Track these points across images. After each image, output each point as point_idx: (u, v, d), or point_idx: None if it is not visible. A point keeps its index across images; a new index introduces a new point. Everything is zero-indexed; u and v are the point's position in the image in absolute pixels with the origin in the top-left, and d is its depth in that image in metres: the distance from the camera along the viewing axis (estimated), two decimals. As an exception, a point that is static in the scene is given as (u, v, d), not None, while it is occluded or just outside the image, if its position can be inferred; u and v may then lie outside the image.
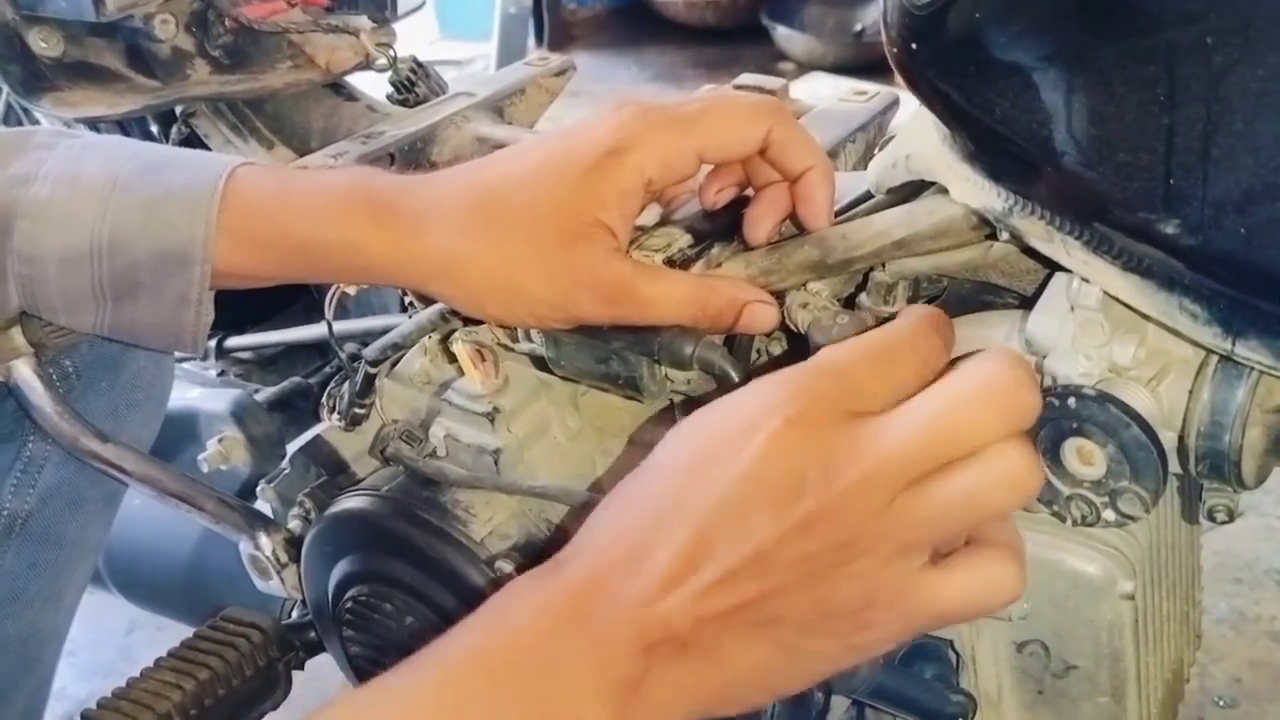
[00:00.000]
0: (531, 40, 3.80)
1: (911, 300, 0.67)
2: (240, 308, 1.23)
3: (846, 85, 0.94)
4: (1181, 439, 0.57)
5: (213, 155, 0.65)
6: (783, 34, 3.48)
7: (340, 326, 0.92)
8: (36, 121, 1.33)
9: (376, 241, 0.60)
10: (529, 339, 0.72)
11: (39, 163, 0.64)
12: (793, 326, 0.66)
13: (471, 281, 0.60)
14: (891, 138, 0.84)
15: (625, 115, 0.60)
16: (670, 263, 0.67)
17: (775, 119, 0.61)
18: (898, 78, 0.57)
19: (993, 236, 0.59)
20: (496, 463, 0.76)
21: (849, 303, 0.68)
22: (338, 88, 1.04)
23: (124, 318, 0.65)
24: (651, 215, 0.71)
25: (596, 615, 0.44)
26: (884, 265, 0.65)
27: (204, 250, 0.61)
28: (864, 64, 3.16)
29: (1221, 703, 1.32)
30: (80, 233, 0.61)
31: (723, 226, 0.69)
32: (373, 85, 1.05)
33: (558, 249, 0.58)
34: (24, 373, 0.81)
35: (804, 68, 3.38)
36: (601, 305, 0.60)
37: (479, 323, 0.75)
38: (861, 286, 0.67)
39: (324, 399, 0.86)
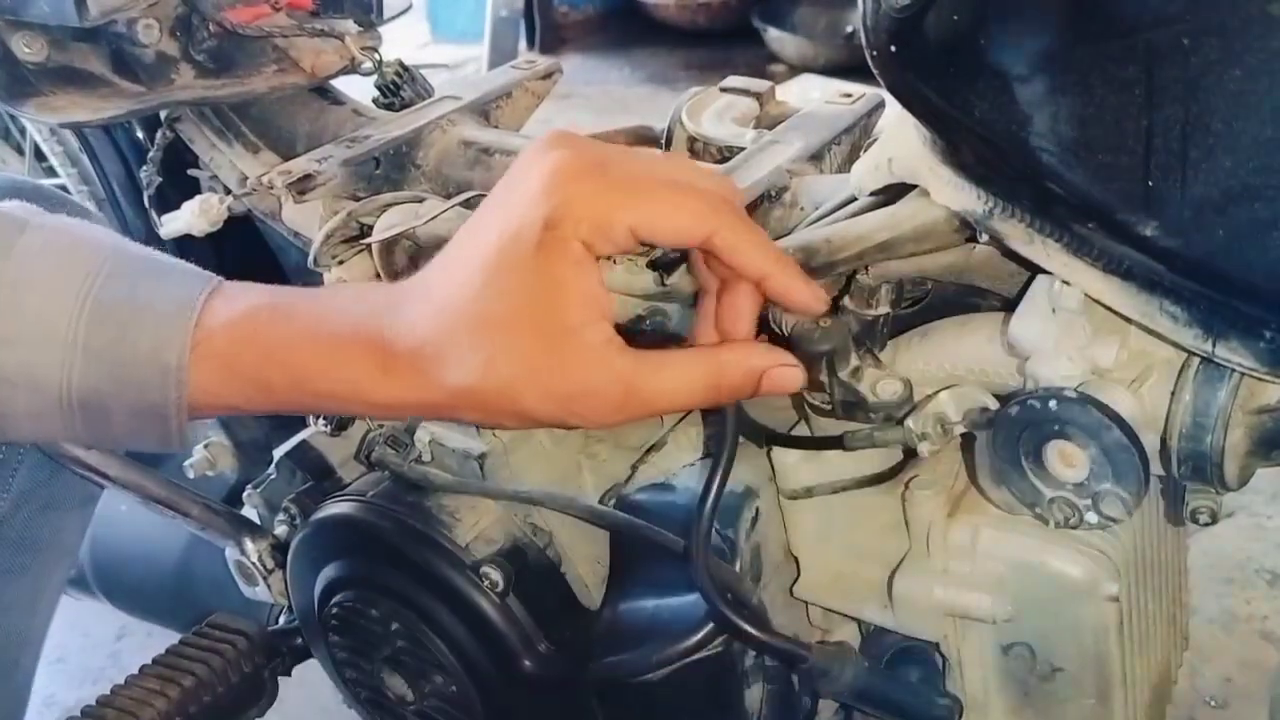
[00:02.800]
0: (523, 43, 3.80)
1: (895, 304, 0.67)
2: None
3: (836, 87, 0.93)
4: (1164, 441, 0.57)
5: (175, 291, 0.58)
6: (774, 36, 3.48)
7: (326, 331, 0.92)
8: (22, 127, 1.33)
9: (385, 389, 0.57)
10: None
11: None
12: (777, 329, 0.66)
13: (479, 408, 0.57)
14: (875, 140, 0.84)
15: (550, 169, 0.55)
16: (654, 265, 0.67)
17: (721, 223, 0.56)
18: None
19: (974, 239, 0.59)
20: (481, 467, 0.76)
21: (833, 306, 0.68)
22: (323, 92, 1.03)
23: (104, 445, 0.62)
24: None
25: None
26: (867, 268, 0.65)
27: (178, 408, 0.58)
28: (856, 65, 3.13)
29: (1213, 703, 1.31)
30: (48, 396, 0.57)
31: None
32: (359, 89, 1.05)
33: (548, 361, 0.55)
34: (7, 379, 0.80)
35: (795, 69, 3.38)
36: (608, 408, 0.56)
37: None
38: (846, 289, 0.67)
39: (309, 404, 0.86)
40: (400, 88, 1.01)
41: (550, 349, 0.55)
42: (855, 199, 0.67)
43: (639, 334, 0.71)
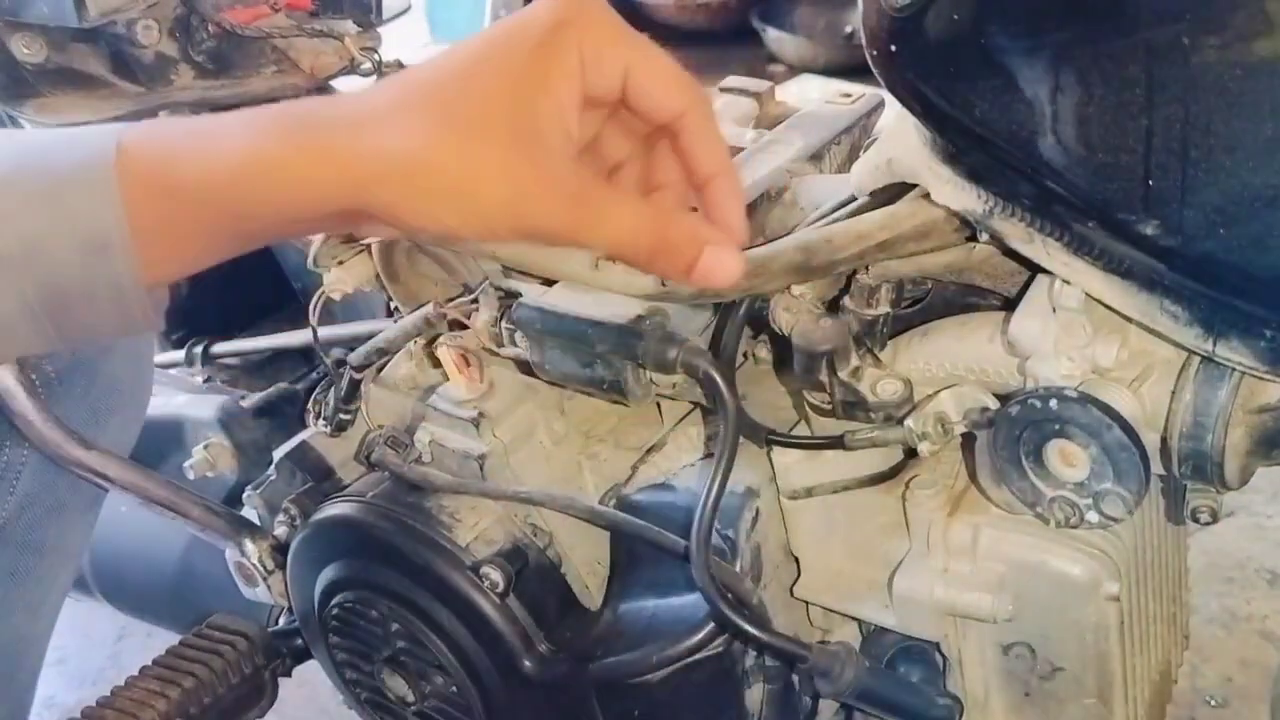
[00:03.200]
0: (522, 43, 3.79)
1: (895, 304, 0.67)
2: (226, 313, 1.22)
3: (836, 87, 0.93)
4: (1164, 440, 0.57)
5: (96, 130, 0.56)
6: (773, 36, 3.48)
7: (326, 332, 0.92)
8: (20, 127, 1.33)
9: (305, 155, 0.52)
10: (514, 344, 0.72)
11: None
12: (777, 329, 0.66)
13: (419, 183, 0.53)
14: (875, 140, 0.84)
15: None
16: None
17: (695, 108, 0.57)
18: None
19: (974, 238, 0.59)
20: (482, 468, 0.76)
21: (833, 305, 0.68)
22: (323, 92, 1.04)
23: (68, 323, 0.61)
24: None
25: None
26: (867, 268, 0.65)
27: (120, 230, 0.54)
28: (855, 66, 3.14)
29: (1213, 702, 1.31)
30: None
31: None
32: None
33: (515, 145, 0.53)
34: (7, 381, 0.80)
35: (795, 69, 3.38)
36: (561, 211, 0.55)
37: (464, 327, 0.74)
38: (846, 289, 0.67)
39: (310, 405, 0.86)
40: (400, 88, 1.01)
41: (518, 138, 0.53)
42: (855, 198, 0.67)
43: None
